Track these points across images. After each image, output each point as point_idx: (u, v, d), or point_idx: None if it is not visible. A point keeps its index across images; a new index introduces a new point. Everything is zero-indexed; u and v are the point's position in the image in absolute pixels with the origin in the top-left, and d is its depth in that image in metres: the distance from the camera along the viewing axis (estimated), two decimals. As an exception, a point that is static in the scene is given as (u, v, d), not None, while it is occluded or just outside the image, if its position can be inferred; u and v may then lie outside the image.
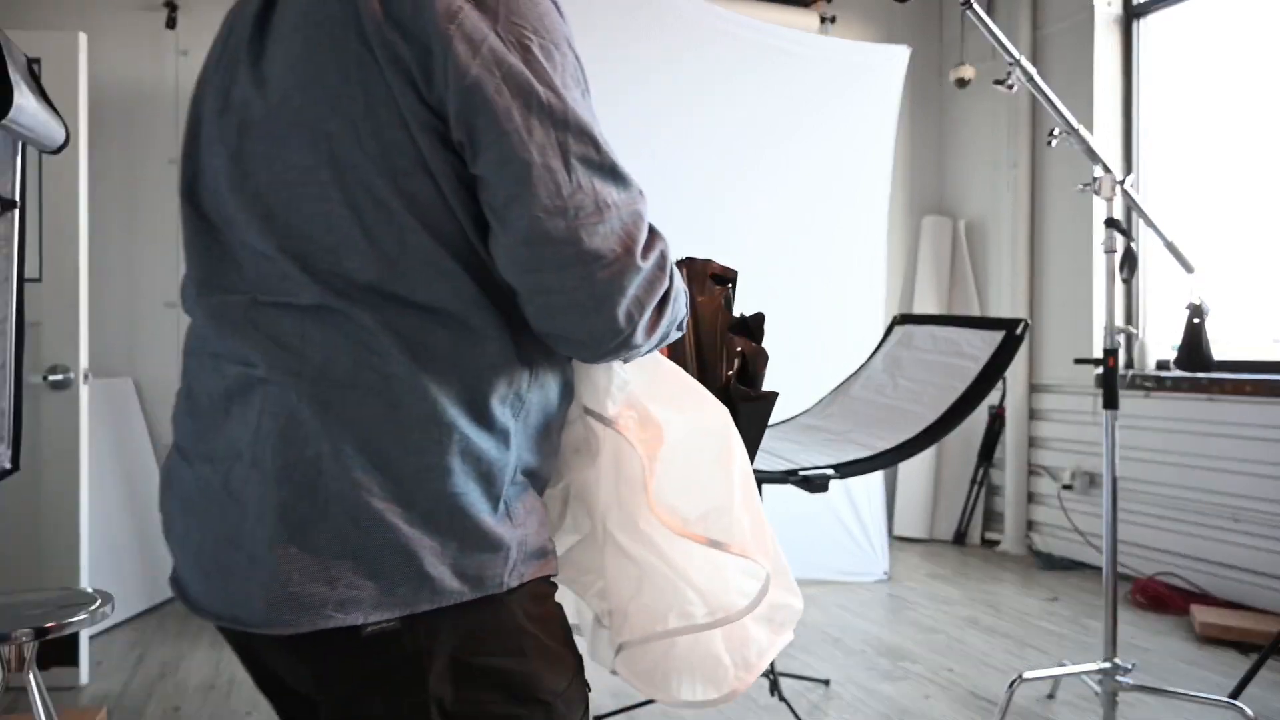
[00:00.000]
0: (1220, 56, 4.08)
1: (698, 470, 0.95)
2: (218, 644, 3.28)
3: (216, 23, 1.02)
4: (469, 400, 0.82)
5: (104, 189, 3.72)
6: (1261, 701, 2.69)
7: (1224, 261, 3.92)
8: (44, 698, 1.88)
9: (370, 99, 0.78)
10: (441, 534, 0.80)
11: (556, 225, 0.77)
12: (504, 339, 0.83)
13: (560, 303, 0.80)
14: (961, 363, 2.76)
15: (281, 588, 0.78)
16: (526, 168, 0.76)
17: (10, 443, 1.90)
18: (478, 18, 0.76)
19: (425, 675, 0.80)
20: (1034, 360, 4.68)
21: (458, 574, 0.80)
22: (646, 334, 0.85)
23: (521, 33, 0.78)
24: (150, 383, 4.00)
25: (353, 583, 0.78)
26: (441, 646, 0.81)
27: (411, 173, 0.79)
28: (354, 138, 0.79)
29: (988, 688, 2.87)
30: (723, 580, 0.96)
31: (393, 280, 0.80)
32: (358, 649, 0.79)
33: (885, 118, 4.13)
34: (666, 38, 3.66)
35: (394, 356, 0.79)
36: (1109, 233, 2.43)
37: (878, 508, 4.16)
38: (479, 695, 0.82)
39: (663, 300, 0.85)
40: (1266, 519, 3.54)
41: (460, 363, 0.81)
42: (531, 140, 0.76)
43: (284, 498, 0.79)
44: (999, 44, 2.27)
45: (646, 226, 0.83)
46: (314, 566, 0.78)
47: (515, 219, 0.77)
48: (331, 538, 0.78)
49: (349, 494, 0.78)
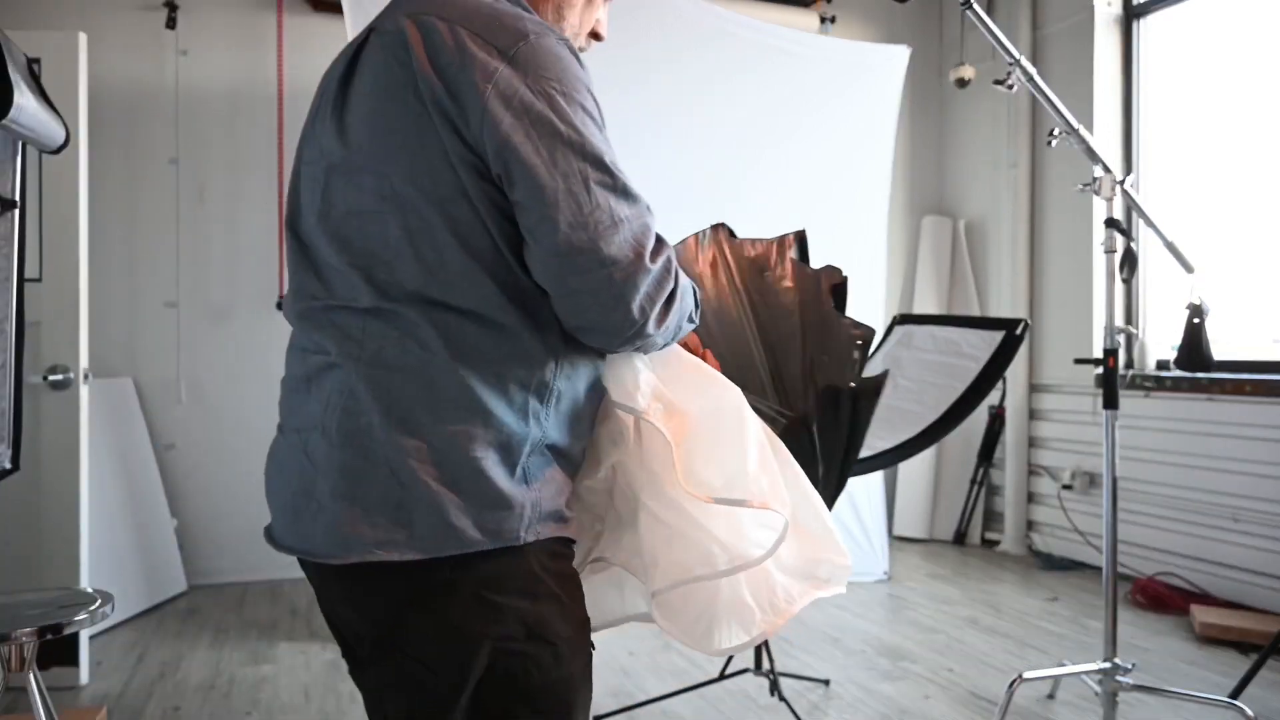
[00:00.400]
0: (1220, 56, 4.08)
1: (717, 444, 1.09)
2: (217, 644, 3.29)
3: (217, 23, 1.07)
4: (494, 383, 0.99)
5: (104, 189, 3.72)
6: (1261, 701, 2.69)
7: (1224, 261, 3.93)
8: (44, 697, 1.88)
9: (424, 143, 0.98)
10: (465, 493, 0.97)
11: (580, 237, 0.95)
12: (528, 335, 1.01)
13: (586, 301, 0.98)
14: (961, 363, 2.76)
15: (337, 529, 0.98)
16: (554, 193, 0.94)
17: (10, 443, 1.90)
18: (510, 74, 0.95)
19: (449, 602, 0.98)
20: (1034, 360, 4.68)
21: (479, 527, 0.97)
22: (657, 324, 1.02)
23: (547, 84, 0.96)
24: (150, 383, 4.00)
25: (391, 529, 0.96)
26: (465, 582, 0.98)
27: (454, 200, 0.98)
28: (409, 175, 0.98)
29: (988, 688, 2.87)
30: (740, 534, 1.09)
31: (434, 287, 0.99)
32: (393, 577, 0.98)
33: (885, 118, 4.13)
34: (666, 38, 3.66)
35: (433, 347, 0.98)
36: (1109, 233, 2.43)
37: (878, 507, 4.16)
38: (494, 626, 0.99)
39: (670, 296, 1.02)
40: (1266, 519, 3.54)
41: (488, 353, 0.99)
42: (556, 170, 0.95)
43: (344, 459, 0.99)
44: (999, 44, 2.27)
45: (654, 235, 1.00)
46: (363, 514, 0.97)
47: (545, 235, 0.95)
48: (378, 491, 0.97)
49: (393, 456, 0.97)
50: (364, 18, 3.10)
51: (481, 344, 0.99)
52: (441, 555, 0.96)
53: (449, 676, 0.99)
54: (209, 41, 4.05)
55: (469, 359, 0.99)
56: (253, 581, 4.04)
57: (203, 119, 4.07)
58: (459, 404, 0.98)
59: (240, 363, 4.10)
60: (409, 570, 0.97)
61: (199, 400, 4.06)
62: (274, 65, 4.09)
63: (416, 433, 0.97)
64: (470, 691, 0.99)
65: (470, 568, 0.98)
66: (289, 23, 4.11)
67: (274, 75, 4.09)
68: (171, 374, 4.04)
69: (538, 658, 1.01)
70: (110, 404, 3.74)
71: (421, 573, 0.97)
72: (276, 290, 4.09)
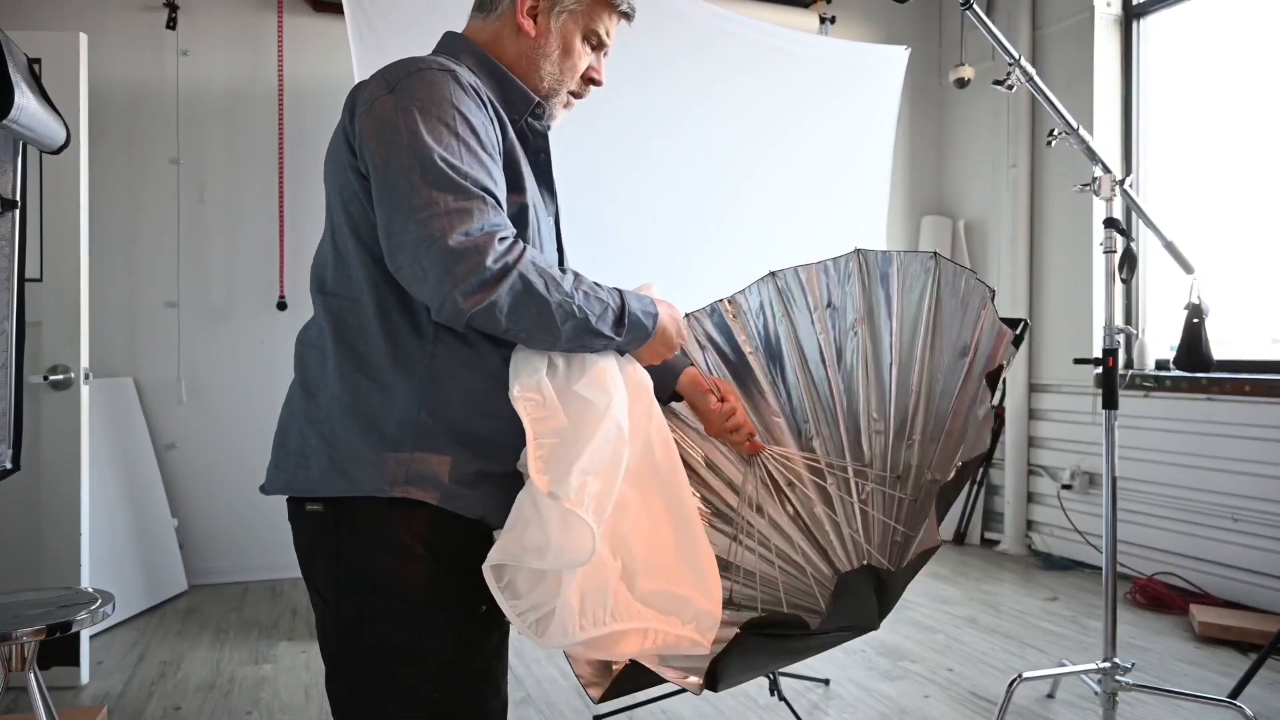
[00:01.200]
0: (1220, 57, 4.08)
1: (567, 442, 1.15)
2: (218, 644, 3.29)
3: (216, 23, 1.08)
4: (361, 358, 1.19)
5: (105, 189, 3.73)
6: (1261, 701, 2.69)
7: (1224, 261, 3.93)
8: (44, 697, 1.88)
9: (341, 162, 1.21)
10: (333, 448, 1.18)
11: (397, 223, 1.10)
12: (394, 314, 1.18)
13: (406, 276, 1.11)
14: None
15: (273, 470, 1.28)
16: (386, 188, 1.12)
17: (11, 442, 1.90)
18: (386, 99, 1.15)
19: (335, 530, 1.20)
20: (1034, 360, 4.68)
21: (342, 475, 1.17)
22: (468, 301, 1.09)
23: (411, 103, 1.14)
24: (150, 382, 4.00)
25: (296, 474, 1.22)
26: (342, 520, 1.19)
27: (351, 199, 1.20)
28: (334, 187, 1.23)
29: (987, 687, 2.87)
30: (569, 537, 1.11)
31: (335, 277, 1.23)
32: (299, 514, 1.24)
33: (885, 118, 4.13)
34: (667, 38, 3.65)
35: (325, 329, 1.23)
36: (1108, 233, 2.43)
37: (877, 507, 4.15)
38: (364, 554, 1.18)
39: (521, 291, 1.11)
40: (1266, 519, 3.54)
41: (358, 331, 1.20)
42: (390, 169, 1.12)
43: (282, 416, 1.28)
44: (998, 44, 2.27)
45: (486, 229, 1.10)
46: (282, 459, 1.25)
47: (380, 219, 1.14)
48: (292, 443, 1.24)
49: (298, 414, 1.24)
50: (364, 18, 3.10)
51: (355, 323, 1.20)
52: (326, 496, 1.19)
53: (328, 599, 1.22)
54: (209, 42, 4.05)
55: (344, 338, 1.21)
56: (253, 581, 4.04)
57: (203, 119, 4.07)
58: (338, 375, 1.20)
59: (240, 363, 4.10)
60: (305, 505, 1.24)
61: (199, 400, 4.07)
62: (274, 65, 4.09)
63: (312, 397, 1.23)
64: None
65: (345, 507, 1.18)
66: (289, 23, 4.11)
67: (274, 75, 4.09)
68: (172, 374, 4.04)
69: (382, 600, 1.17)
70: (111, 404, 3.75)
71: (315, 510, 1.22)
72: (277, 290, 4.09)
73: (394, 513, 1.16)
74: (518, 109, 1.30)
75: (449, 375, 1.19)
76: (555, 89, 1.33)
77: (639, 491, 1.21)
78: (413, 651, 1.18)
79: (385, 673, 1.18)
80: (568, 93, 1.36)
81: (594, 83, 1.38)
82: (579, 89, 1.37)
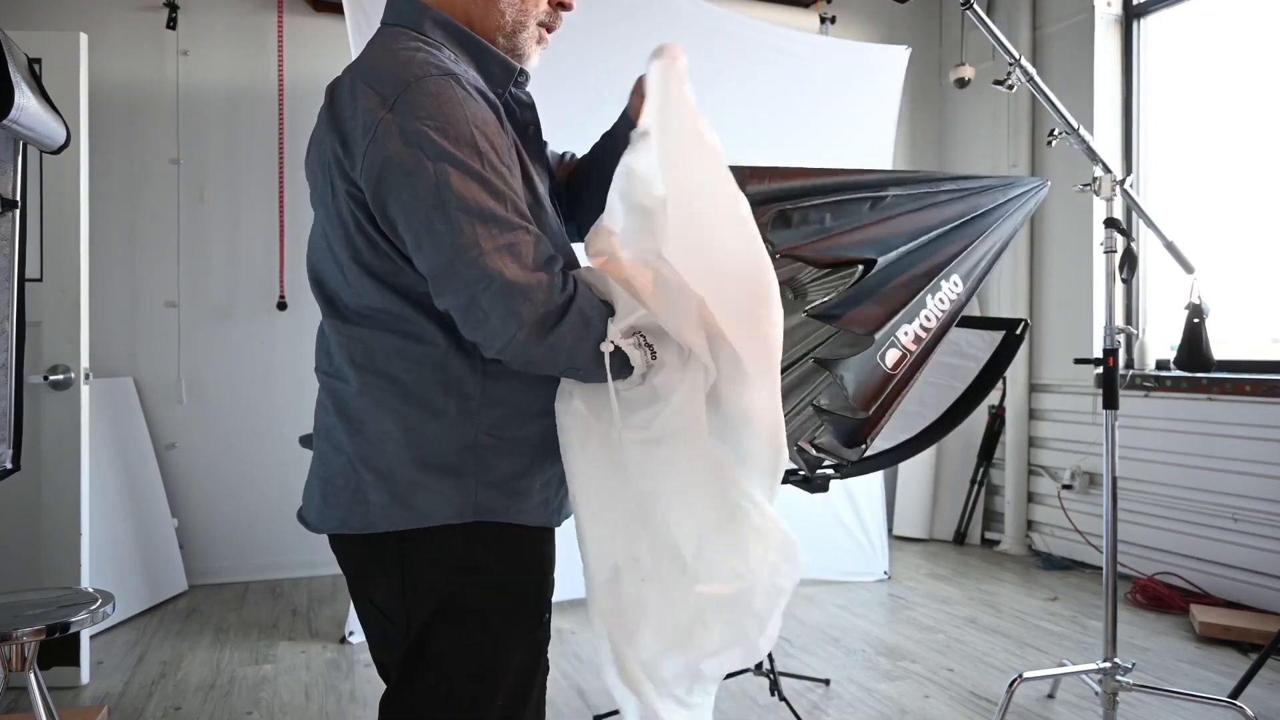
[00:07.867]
0: (1220, 57, 4.08)
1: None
2: (218, 644, 3.29)
3: (216, 23, 1.08)
4: (404, 386, 1.14)
5: (104, 189, 3.72)
6: (1261, 701, 2.69)
7: (1224, 261, 3.93)
8: (45, 697, 1.88)
9: (331, 178, 1.13)
10: (392, 483, 1.13)
11: (448, 263, 1.04)
12: (430, 334, 1.13)
13: (467, 317, 1.07)
14: (961, 362, 2.75)
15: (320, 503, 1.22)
16: (417, 228, 1.05)
17: (11, 442, 1.90)
18: (389, 121, 1.05)
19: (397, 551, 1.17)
20: (1034, 360, 4.68)
21: (406, 508, 1.13)
22: (535, 340, 1.06)
23: (420, 123, 1.04)
24: (150, 382, 4.00)
25: (353, 510, 1.16)
26: (407, 546, 1.16)
27: (349, 220, 1.12)
28: (322, 202, 1.17)
29: (987, 687, 2.87)
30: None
31: (350, 298, 1.15)
32: (350, 537, 1.19)
33: (885, 118, 4.13)
34: (666, 38, 3.64)
35: (350, 356, 1.16)
36: (1109, 233, 2.43)
37: (878, 507, 4.16)
38: (436, 578, 1.17)
39: (560, 321, 1.06)
40: (1266, 519, 3.54)
41: (394, 357, 1.14)
42: (417, 206, 1.04)
43: (322, 450, 1.22)
44: (999, 44, 2.27)
45: (535, 255, 1.06)
46: (331, 497, 1.19)
47: (420, 263, 1.08)
48: (339, 479, 1.18)
49: (344, 449, 1.17)
50: (364, 18, 3.10)
51: (396, 351, 1.15)
52: (376, 532, 1.16)
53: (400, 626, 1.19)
54: (210, 42, 4.05)
55: (375, 366, 1.17)
56: (253, 581, 4.04)
57: (203, 119, 4.07)
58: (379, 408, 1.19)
59: (240, 363, 4.10)
60: (368, 536, 1.20)
61: (199, 400, 4.07)
62: (274, 65, 4.09)
63: (353, 431, 1.19)
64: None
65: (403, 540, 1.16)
66: (289, 23, 4.11)
67: (274, 75, 4.09)
68: (172, 374, 4.04)
69: (459, 626, 1.16)
70: (111, 404, 3.74)
71: (372, 539, 1.19)
72: (277, 290, 4.09)
73: (465, 537, 1.14)
74: (499, 81, 1.20)
75: (501, 389, 1.15)
76: (521, 21, 1.21)
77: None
78: (491, 668, 1.17)
79: (464, 690, 1.16)
80: (537, 25, 1.23)
81: (563, 6, 1.25)
82: (549, 19, 1.24)
